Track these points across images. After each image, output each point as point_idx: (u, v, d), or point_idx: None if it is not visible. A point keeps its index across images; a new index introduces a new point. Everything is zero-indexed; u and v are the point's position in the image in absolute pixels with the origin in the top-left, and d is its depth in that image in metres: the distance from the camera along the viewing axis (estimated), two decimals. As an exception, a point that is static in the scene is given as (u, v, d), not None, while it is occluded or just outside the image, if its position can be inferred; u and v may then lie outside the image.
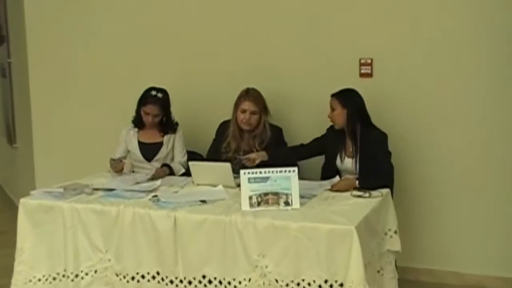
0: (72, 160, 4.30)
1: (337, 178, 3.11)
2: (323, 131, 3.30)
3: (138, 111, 3.48)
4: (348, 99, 3.12)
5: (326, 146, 3.24)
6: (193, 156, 3.57)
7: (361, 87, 3.47)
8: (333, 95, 3.16)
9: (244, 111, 3.33)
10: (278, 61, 3.72)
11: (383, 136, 3.12)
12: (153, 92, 3.43)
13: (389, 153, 3.17)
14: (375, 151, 3.05)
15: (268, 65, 3.74)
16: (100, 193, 2.98)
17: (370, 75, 3.51)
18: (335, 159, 3.19)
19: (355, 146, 3.11)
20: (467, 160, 3.42)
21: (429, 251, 3.56)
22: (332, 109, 3.16)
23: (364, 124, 3.12)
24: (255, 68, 3.75)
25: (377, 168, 3.03)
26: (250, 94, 3.34)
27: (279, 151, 3.28)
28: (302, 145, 3.33)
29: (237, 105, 3.36)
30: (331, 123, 3.23)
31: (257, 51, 3.76)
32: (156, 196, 2.91)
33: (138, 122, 3.52)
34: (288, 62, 3.70)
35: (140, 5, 4.05)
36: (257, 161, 3.18)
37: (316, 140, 3.29)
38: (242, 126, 3.35)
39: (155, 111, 3.43)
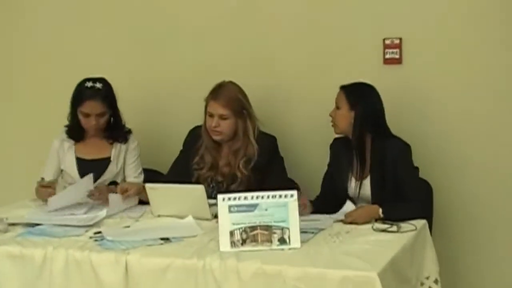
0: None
1: (350, 205, 3.13)
2: (331, 141, 3.33)
3: (73, 116, 3.48)
4: (360, 98, 3.15)
5: (332, 166, 3.29)
6: (152, 176, 3.57)
7: (386, 77, 3.50)
8: (342, 87, 3.20)
9: (211, 115, 3.36)
10: (272, 45, 3.73)
11: (406, 148, 3.14)
12: (89, 83, 3.43)
13: (416, 169, 3.19)
14: (395, 169, 3.08)
15: (258, 50, 3.75)
16: (19, 229, 2.97)
17: (398, 61, 3.54)
18: (344, 183, 3.21)
19: (364, 163, 3.14)
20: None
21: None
22: (337, 107, 3.19)
23: (378, 134, 3.15)
24: (239, 55, 3.77)
25: (404, 191, 3.05)
26: (220, 92, 3.35)
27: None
28: (319, 198, 3.28)
29: (205, 106, 3.40)
30: (334, 136, 3.28)
31: (242, 32, 3.77)
32: (99, 232, 2.90)
33: (74, 132, 3.51)
34: (285, 46, 3.71)
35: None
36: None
37: (327, 177, 3.31)
38: (212, 136, 3.38)
39: (97, 109, 3.42)
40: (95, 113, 3.42)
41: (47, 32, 4.14)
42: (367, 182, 3.16)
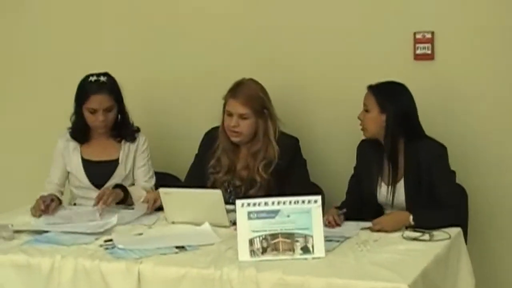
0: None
1: None
2: (357, 142, 3.32)
3: (78, 114, 3.49)
4: (392, 99, 3.13)
5: (358, 170, 3.28)
6: (166, 180, 3.58)
7: (417, 75, 3.49)
8: (370, 87, 3.18)
9: (230, 115, 3.36)
10: (293, 41, 3.73)
11: (441, 150, 3.12)
12: (93, 78, 3.45)
13: (453, 173, 3.17)
14: (430, 172, 3.06)
15: (278, 47, 3.75)
16: (25, 237, 2.97)
17: (430, 56, 3.53)
18: (373, 188, 3.20)
19: (397, 168, 3.12)
20: None
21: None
22: (366, 109, 3.18)
23: (411, 136, 3.13)
24: (258, 54, 3.77)
25: (438, 196, 3.03)
26: (239, 90, 3.35)
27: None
28: (345, 203, 3.25)
29: (224, 105, 3.39)
30: (361, 138, 3.26)
31: (260, 29, 3.77)
32: (110, 240, 2.90)
33: (79, 133, 3.52)
34: (306, 42, 3.71)
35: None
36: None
37: (354, 181, 3.31)
38: (230, 137, 3.38)
39: (104, 102, 3.43)
40: (102, 107, 3.42)
41: (50, 32, 4.16)
42: (399, 187, 3.14)
